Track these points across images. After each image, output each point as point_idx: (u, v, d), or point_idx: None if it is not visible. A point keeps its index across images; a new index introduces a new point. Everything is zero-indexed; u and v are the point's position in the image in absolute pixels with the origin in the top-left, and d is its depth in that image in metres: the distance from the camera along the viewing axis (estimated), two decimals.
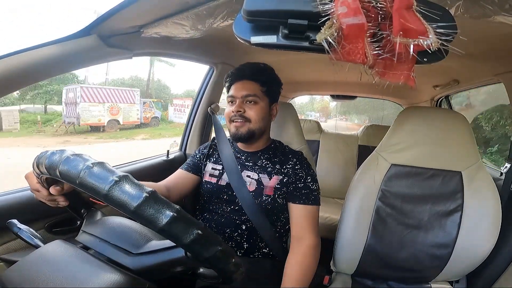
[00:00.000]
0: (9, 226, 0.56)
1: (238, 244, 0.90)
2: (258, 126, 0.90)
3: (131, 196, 0.36)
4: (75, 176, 0.38)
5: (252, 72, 0.93)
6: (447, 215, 0.90)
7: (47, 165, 0.42)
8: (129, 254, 0.45)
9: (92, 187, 0.37)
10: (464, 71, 1.27)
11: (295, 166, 0.93)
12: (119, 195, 0.36)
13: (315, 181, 0.93)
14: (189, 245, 0.38)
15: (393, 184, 0.93)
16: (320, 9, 0.39)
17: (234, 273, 0.45)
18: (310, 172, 0.93)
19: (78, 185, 0.38)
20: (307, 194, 0.89)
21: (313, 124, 2.20)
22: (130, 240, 0.47)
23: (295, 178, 0.91)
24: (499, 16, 0.56)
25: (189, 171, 0.98)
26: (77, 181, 0.38)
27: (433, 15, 0.39)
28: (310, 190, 0.90)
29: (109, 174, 0.37)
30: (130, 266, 0.44)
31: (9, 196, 0.73)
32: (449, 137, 0.91)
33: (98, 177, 0.37)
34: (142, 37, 0.75)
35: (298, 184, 0.90)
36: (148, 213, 0.36)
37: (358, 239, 0.94)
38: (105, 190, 0.36)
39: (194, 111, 1.40)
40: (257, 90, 0.90)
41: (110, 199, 0.36)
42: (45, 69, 0.59)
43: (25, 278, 0.40)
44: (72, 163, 0.39)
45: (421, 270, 0.94)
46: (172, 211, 0.37)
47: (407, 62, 0.39)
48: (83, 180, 0.37)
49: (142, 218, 0.37)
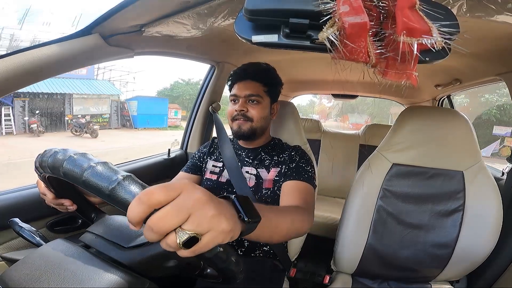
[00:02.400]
0: (10, 225, 0.56)
1: (239, 243, 0.90)
2: (259, 125, 0.92)
3: (134, 195, 0.36)
4: (79, 175, 0.38)
5: (255, 72, 0.94)
6: (448, 215, 0.90)
7: (51, 164, 0.42)
8: (121, 248, 0.45)
9: (96, 186, 0.37)
10: (466, 70, 1.27)
11: (291, 153, 0.94)
12: (123, 195, 0.36)
13: (309, 165, 0.90)
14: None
15: (394, 183, 0.93)
16: (322, 8, 0.39)
17: (235, 272, 0.45)
18: (306, 157, 0.93)
19: (82, 184, 0.38)
20: (298, 172, 0.86)
21: (314, 123, 2.19)
22: (122, 234, 0.47)
23: (289, 162, 0.91)
24: (502, 15, 0.56)
25: (189, 172, 1.00)
26: (81, 180, 0.38)
27: (435, 14, 0.39)
28: (303, 169, 0.88)
29: (112, 173, 0.37)
30: (122, 260, 0.44)
31: (11, 194, 0.74)
32: (450, 137, 0.91)
33: (101, 176, 0.37)
34: (143, 36, 0.75)
35: (291, 165, 0.90)
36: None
37: (359, 238, 0.94)
38: (109, 189, 0.36)
39: (195, 109, 1.40)
40: (260, 90, 0.92)
41: (113, 198, 0.36)
42: (47, 68, 0.59)
43: (27, 277, 0.40)
44: (76, 162, 0.39)
45: (421, 270, 0.94)
46: None
47: (410, 61, 0.39)
48: (87, 179, 0.37)
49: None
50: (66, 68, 0.64)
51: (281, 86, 1.00)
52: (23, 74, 0.55)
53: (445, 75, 1.46)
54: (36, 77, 0.59)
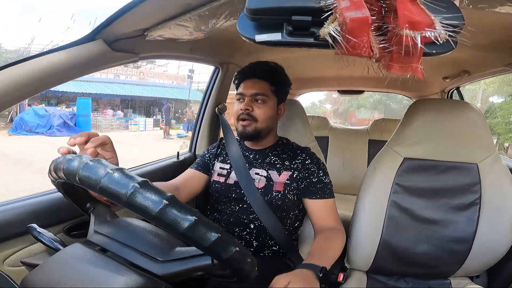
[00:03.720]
0: (29, 230, 0.58)
1: (248, 243, 0.90)
2: (265, 126, 0.91)
3: (153, 201, 0.36)
4: (95, 182, 0.38)
5: (263, 71, 0.93)
6: (464, 209, 0.87)
7: (66, 171, 0.42)
8: (156, 261, 0.46)
9: (114, 193, 0.37)
10: (474, 62, 1.24)
11: (305, 161, 0.93)
12: (141, 200, 0.36)
13: (326, 175, 0.93)
14: (209, 247, 0.39)
15: (407, 178, 0.91)
16: (323, 4, 0.39)
17: (250, 272, 0.46)
18: (321, 166, 0.94)
19: (99, 191, 0.38)
20: (322, 188, 0.90)
21: (321, 120, 2.17)
22: (155, 246, 0.48)
23: (307, 173, 0.91)
24: (505, 6, 0.55)
25: (198, 170, 0.99)
26: (98, 187, 0.38)
27: (438, 7, 0.39)
28: (325, 184, 0.91)
29: (129, 180, 0.37)
30: (158, 273, 0.45)
31: (28, 201, 0.76)
32: (462, 129, 0.88)
33: (119, 183, 0.37)
34: (147, 40, 0.75)
35: (312, 179, 0.90)
36: (169, 218, 0.37)
37: (373, 235, 0.92)
38: (127, 196, 0.36)
39: (202, 112, 1.41)
40: (267, 89, 0.91)
41: (132, 204, 0.37)
42: (53, 76, 0.60)
43: (47, 281, 0.41)
44: (92, 169, 0.39)
45: (439, 266, 0.92)
46: (192, 216, 0.37)
47: (415, 54, 0.39)
48: (104, 186, 0.38)
49: (163, 223, 0.37)
50: (73, 76, 0.65)
51: (289, 86, 0.99)
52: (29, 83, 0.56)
53: (452, 67, 1.43)
54: (43, 85, 0.60)
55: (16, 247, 0.70)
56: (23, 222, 0.64)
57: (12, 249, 0.70)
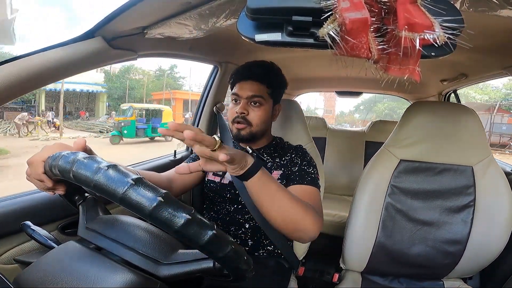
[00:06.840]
0: (22, 228, 0.57)
1: (243, 242, 0.90)
2: (259, 129, 0.90)
3: (147, 198, 0.36)
4: (90, 179, 0.38)
5: (260, 72, 0.90)
6: (459, 211, 0.88)
7: (60, 168, 0.42)
8: (158, 263, 0.46)
9: (108, 190, 0.37)
10: (472, 65, 1.25)
11: (292, 155, 0.92)
12: (135, 197, 0.36)
13: (312, 166, 0.89)
14: (204, 245, 0.39)
15: (403, 179, 0.92)
16: (323, 4, 0.39)
17: (246, 271, 0.46)
18: (307, 159, 0.91)
19: (93, 188, 0.38)
20: (302, 176, 0.85)
21: (318, 120, 2.18)
22: (157, 248, 0.48)
23: (292, 165, 0.89)
24: (505, 10, 0.55)
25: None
26: (92, 184, 0.38)
27: (438, 10, 0.39)
28: (306, 172, 0.86)
29: (123, 177, 0.37)
30: (159, 275, 0.45)
31: (22, 198, 0.75)
32: (458, 131, 0.89)
33: (113, 180, 0.37)
34: (146, 38, 0.75)
35: (293, 169, 0.88)
36: (163, 216, 0.36)
37: (368, 235, 0.93)
38: (121, 193, 0.36)
39: (200, 110, 1.41)
40: (263, 91, 0.89)
41: (126, 201, 0.36)
42: (51, 73, 0.60)
43: (40, 279, 0.41)
44: (86, 166, 0.39)
45: (433, 267, 0.93)
46: (187, 213, 0.37)
47: (413, 56, 0.39)
48: (99, 183, 0.37)
49: (158, 221, 0.37)
50: (71, 72, 0.65)
51: (286, 87, 0.98)
52: (28, 79, 0.56)
53: (450, 70, 1.44)
54: (41, 81, 0.59)
55: (9, 245, 0.70)
56: (17, 220, 0.63)
57: (5, 247, 0.69)
